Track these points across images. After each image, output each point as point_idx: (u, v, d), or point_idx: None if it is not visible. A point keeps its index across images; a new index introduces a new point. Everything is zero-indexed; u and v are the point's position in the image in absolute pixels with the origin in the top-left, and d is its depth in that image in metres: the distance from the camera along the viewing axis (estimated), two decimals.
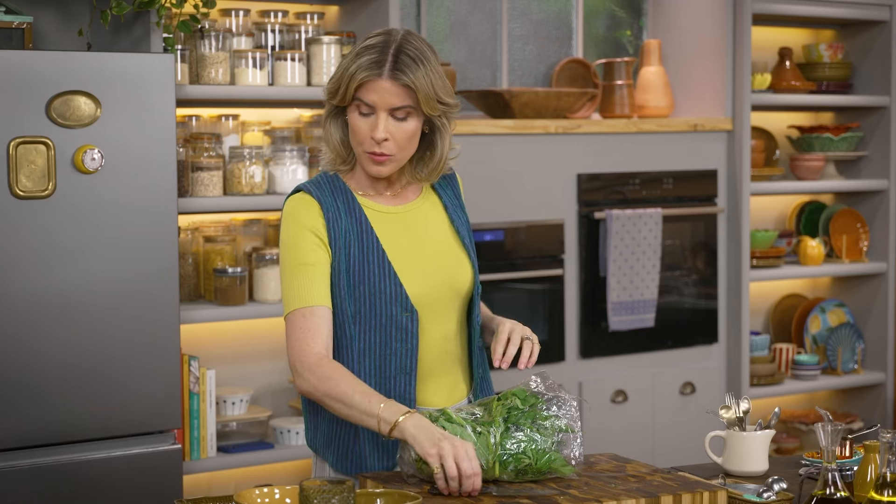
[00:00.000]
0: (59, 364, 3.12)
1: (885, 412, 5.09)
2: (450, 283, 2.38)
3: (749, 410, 2.48)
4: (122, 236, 3.19)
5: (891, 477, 2.05)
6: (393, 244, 2.35)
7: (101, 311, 3.17)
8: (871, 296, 5.15)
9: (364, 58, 2.28)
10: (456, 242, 2.42)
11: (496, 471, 2.19)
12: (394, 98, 2.27)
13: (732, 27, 4.67)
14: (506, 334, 2.35)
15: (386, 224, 2.37)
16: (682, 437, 4.61)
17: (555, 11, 4.80)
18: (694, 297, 4.70)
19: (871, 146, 5.14)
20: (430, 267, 2.37)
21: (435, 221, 2.42)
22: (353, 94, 2.28)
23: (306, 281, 2.30)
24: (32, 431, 3.09)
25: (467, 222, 2.48)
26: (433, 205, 2.44)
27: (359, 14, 4.01)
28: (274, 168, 3.79)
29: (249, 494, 2.04)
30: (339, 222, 2.33)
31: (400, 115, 2.29)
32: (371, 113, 2.29)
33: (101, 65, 3.15)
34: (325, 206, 2.33)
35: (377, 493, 2.03)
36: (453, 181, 2.50)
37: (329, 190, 2.36)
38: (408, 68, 2.27)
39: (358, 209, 2.36)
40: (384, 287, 2.32)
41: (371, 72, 2.26)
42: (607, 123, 4.51)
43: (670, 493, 2.13)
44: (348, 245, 2.32)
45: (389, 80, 2.26)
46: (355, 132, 2.31)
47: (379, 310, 2.32)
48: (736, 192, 4.71)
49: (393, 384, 2.33)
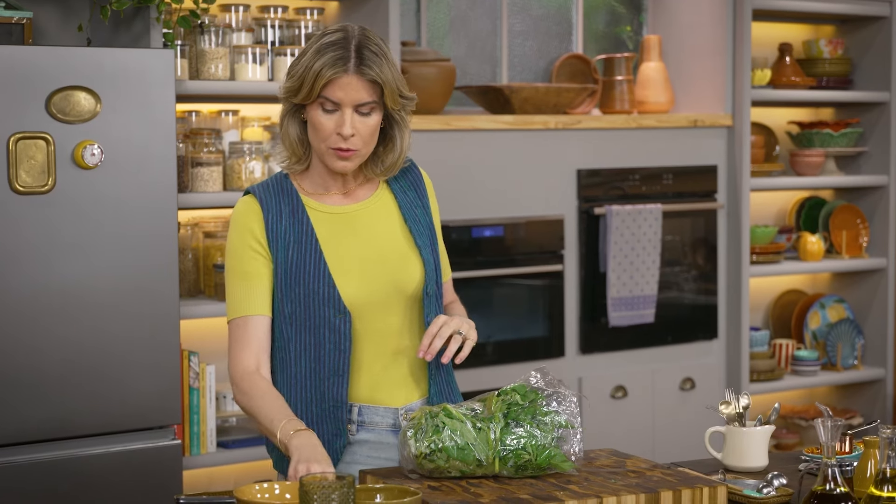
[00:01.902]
0: (58, 360, 3.13)
1: (884, 408, 5.11)
2: (394, 284, 2.36)
3: (749, 406, 2.48)
4: (122, 232, 3.20)
5: (890, 472, 2.04)
6: (333, 245, 2.35)
7: (101, 306, 3.17)
8: (870, 291, 5.16)
9: (328, 55, 2.27)
10: (406, 242, 2.40)
11: (496, 466, 2.19)
12: (361, 93, 2.28)
13: (732, 23, 4.68)
14: (436, 327, 2.31)
15: (329, 225, 2.37)
16: (681, 432, 4.62)
17: (555, 7, 4.80)
18: (694, 293, 4.71)
19: (871, 142, 5.15)
20: (370, 267, 2.36)
21: (384, 221, 2.41)
22: (319, 92, 2.28)
23: (243, 290, 2.34)
24: (32, 427, 3.10)
25: (429, 222, 2.45)
26: (385, 204, 2.43)
27: (359, 9, 4.02)
28: (273, 163, 3.79)
29: (249, 490, 2.04)
30: (280, 224, 2.35)
31: (365, 111, 2.30)
32: (335, 109, 2.29)
33: (101, 60, 3.15)
34: (267, 208, 2.35)
35: (377, 489, 2.04)
36: (418, 181, 2.48)
37: (275, 192, 2.38)
38: (373, 63, 2.28)
39: (301, 210, 2.36)
40: (317, 288, 2.32)
41: (337, 69, 2.26)
42: (607, 119, 4.51)
43: (670, 489, 2.13)
44: (287, 247, 2.34)
45: (356, 75, 2.27)
46: (319, 129, 2.30)
47: (312, 311, 2.33)
48: (736, 187, 4.72)
49: (327, 385, 2.34)
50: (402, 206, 2.43)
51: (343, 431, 2.35)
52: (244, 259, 2.35)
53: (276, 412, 2.25)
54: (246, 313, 2.33)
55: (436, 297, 2.42)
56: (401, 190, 2.45)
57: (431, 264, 2.41)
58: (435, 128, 4.03)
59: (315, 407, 2.34)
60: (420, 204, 2.45)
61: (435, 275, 2.41)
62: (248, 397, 2.30)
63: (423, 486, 2.14)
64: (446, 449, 2.18)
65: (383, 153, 2.40)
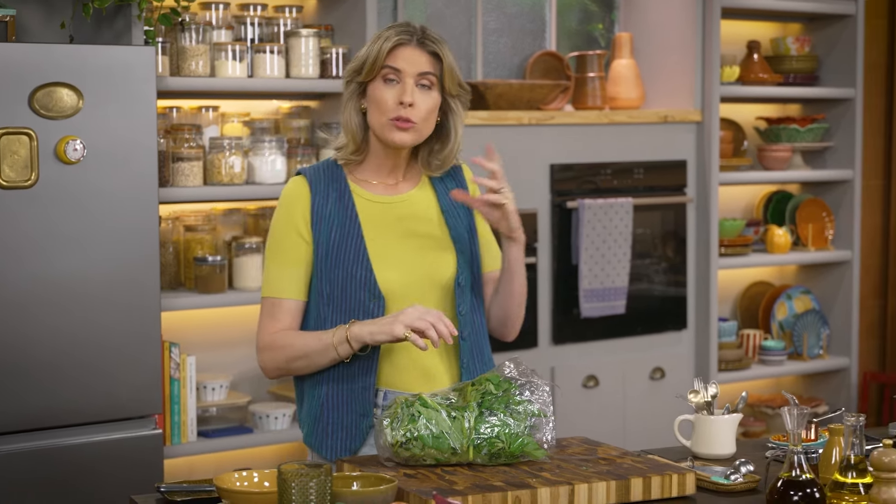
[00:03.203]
0: (41, 351, 3.14)
1: (849, 396, 5.13)
2: (428, 273, 2.43)
3: (717, 395, 2.50)
4: (104, 225, 3.21)
5: (855, 459, 2.05)
6: (374, 232, 2.42)
7: (83, 298, 3.19)
8: (836, 283, 5.18)
9: (392, 30, 2.40)
10: (443, 234, 2.48)
11: (470, 454, 2.22)
12: (422, 63, 2.39)
13: (702, 21, 4.68)
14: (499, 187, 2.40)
15: (372, 212, 2.44)
16: (651, 421, 4.61)
17: (528, 5, 4.81)
18: (664, 285, 4.72)
19: (837, 137, 5.16)
20: (407, 256, 2.42)
21: (424, 213, 2.48)
22: (383, 62, 2.38)
23: (278, 272, 2.42)
24: (16, 417, 3.11)
25: (469, 218, 2.52)
26: (426, 198, 2.51)
27: (337, 7, 4.03)
28: (253, 158, 3.83)
29: (229, 478, 2.06)
30: (326, 206, 2.42)
31: (424, 83, 2.39)
32: (397, 80, 2.38)
33: (84, 57, 3.17)
34: (315, 189, 2.43)
35: (354, 476, 2.07)
36: (459, 174, 2.56)
37: (325, 175, 2.45)
38: (435, 41, 2.41)
39: (348, 196, 2.44)
40: (355, 271, 2.39)
41: (402, 38, 2.39)
42: (580, 115, 4.52)
43: (640, 476, 2.16)
44: (330, 229, 2.41)
45: (418, 47, 2.39)
46: (380, 102, 2.39)
47: (349, 294, 2.39)
48: (705, 181, 4.73)
49: (357, 367, 2.40)
50: (442, 202, 2.50)
51: (369, 413, 2.40)
52: (285, 241, 2.42)
53: (316, 335, 2.36)
54: (278, 295, 2.42)
55: (469, 288, 2.47)
56: (442, 186, 2.52)
57: (466, 257, 2.47)
58: None
59: (345, 387, 2.41)
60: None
61: (468, 267, 2.47)
62: (280, 347, 2.39)
63: (398, 474, 2.16)
64: (422, 437, 2.20)
65: (439, 148, 2.48)
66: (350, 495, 1.97)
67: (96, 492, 3.21)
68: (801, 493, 2.02)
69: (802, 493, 2.02)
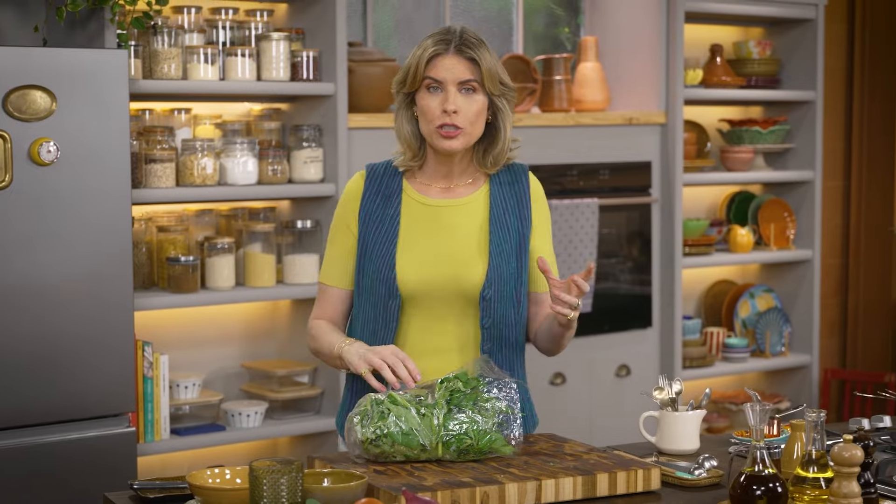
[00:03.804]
0: (16, 350, 3.15)
1: (810, 393, 5.17)
2: (452, 281, 2.45)
3: (681, 391, 2.51)
4: (78, 227, 3.22)
5: (816, 454, 2.06)
6: (410, 232, 2.47)
7: (58, 298, 3.20)
8: (797, 281, 5.22)
9: (430, 40, 2.45)
10: (479, 244, 2.48)
11: (439, 451, 2.24)
12: (461, 71, 2.42)
13: (666, 25, 4.70)
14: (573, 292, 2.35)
15: (415, 213, 2.49)
16: (617, 417, 4.63)
17: (496, 9, 4.83)
18: (629, 284, 4.73)
19: (798, 139, 5.20)
20: (433, 260, 2.45)
21: (468, 220, 2.49)
22: (423, 74, 2.42)
23: (329, 260, 2.55)
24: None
25: (522, 232, 2.50)
26: (477, 206, 2.51)
27: (307, 11, 4.05)
28: (225, 160, 3.85)
29: (201, 475, 2.08)
30: (374, 202, 2.50)
31: (467, 88, 2.43)
32: (440, 89, 2.43)
33: (57, 60, 3.18)
34: (368, 185, 2.52)
35: (325, 473, 2.07)
36: (523, 192, 2.53)
37: (385, 172, 2.53)
38: (472, 46, 2.44)
39: (398, 195, 2.50)
40: (380, 267, 2.46)
41: (438, 48, 2.43)
42: (546, 117, 4.53)
43: (606, 471, 2.18)
44: (372, 224, 2.49)
45: (455, 55, 2.43)
46: (426, 111, 2.44)
47: (375, 288, 2.47)
48: (669, 182, 4.75)
49: None
50: (493, 210, 2.50)
51: None
52: (337, 232, 2.54)
53: (333, 338, 2.46)
54: (325, 282, 2.56)
55: (496, 302, 2.46)
56: (500, 194, 2.52)
57: (503, 272, 2.46)
58: (380, 125, 4.04)
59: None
60: (517, 214, 2.52)
61: (502, 282, 2.46)
62: (313, 337, 2.52)
63: (368, 471, 2.17)
64: (391, 434, 2.22)
65: (492, 145, 2.50)
66: (321, 492, 1.97)
67: (70, 489, 3.22)
68: (763, 488, 2.03)
69: (765, 487, 2.03)
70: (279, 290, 3.96)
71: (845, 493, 1.99)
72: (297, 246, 4.04)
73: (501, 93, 2.47)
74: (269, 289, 3.94)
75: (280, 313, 4.18)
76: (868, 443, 2.12)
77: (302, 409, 4.03)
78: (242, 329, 4.13)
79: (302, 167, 3.98)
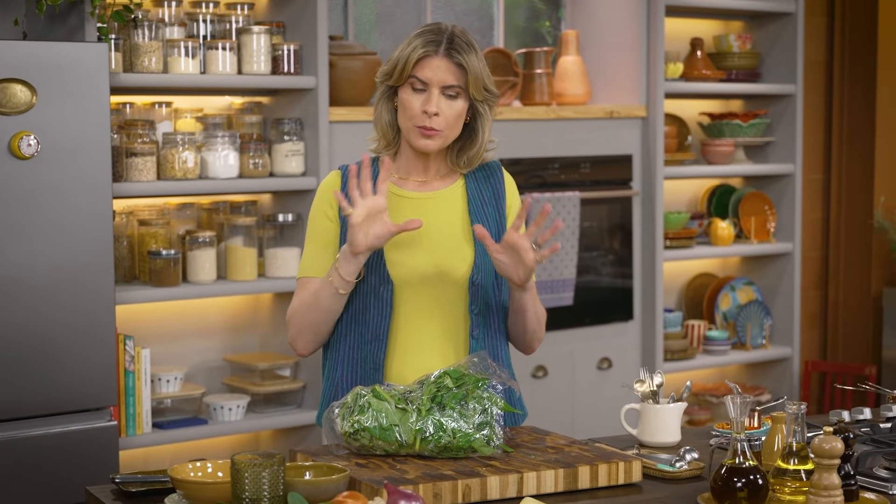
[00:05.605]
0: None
1: (791, 385, 5.20)
2: (440, 267, 2.46)
3: (662, 384, 2.52)
4: (59, 220, 3.22)
5: (797, 446, 2.07)
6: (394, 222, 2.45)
7: (39, 292, 3.20)
8: (778, 274, 5.25)
9: (421, 39, 2.43)
10: (463, 233, 2.50)
11: (417, 446, 2.23)
12: (447, 75, 2.42)
13: (647, 18, 4.72)
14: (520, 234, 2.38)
15: (396, 206, 2.49)
16: (599, 410, 4.65)
17: (477, 2, 4.83)
18: (610, 277, 4.75)
19: (778, 132, 5.23)
20: (421, 247, 2.46)
21: (449, 212, 2.51)
22: (410, 72, 2.42)
23: (308, 254, 2.51)
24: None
25: (500, 223, 2.54)
26: (454, 198, 2.53)
27: (288, 4, 4.05)
28: (206, 154, 3.85)
29: (183, 468, 2.07)
30: None
31: (451, 94, 2.43)
32: (424, 90, 2.43)
33: (37, 53, 3.17)
34: (346, 179, 2.48)
35: (306, 466, 2.06)
36: (499, 184, 2.56)
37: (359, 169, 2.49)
38: (462, 50, 2.43)
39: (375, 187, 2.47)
40: (370, 257, 2.44)
41: (428, 49, 2.42)
42: (527, 110, 4.54)
43: (587, 464, 2.18)
44: None
45: (444, 58, 2.42)
46: (407, 108, 2.44)
47: (364, 278, 2.46)
48: (650, 176, 4.77)
49: (368, 349, 2.46)
50: (471, 202, 2.52)
51: None
52: (315, 225, 2.51)
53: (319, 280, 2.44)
54: (307, 275, 2.49)
55: (483, 288, 2.49)
56: (476, 188, 2.54)
57: (485, 257, 2.48)
58: (361, 119, 4.05)
59: (359, 368, 2.47)
60: (494, 205, 2.55)
61: (485, 267, 2.48)
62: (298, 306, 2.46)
63: (350, 464, 2.17)
64: (369, 429, 2.22)
65: (468, 146, 2.51)
66: (302, 485, 1.97)
67: (52, 483, 3.22)
68: (744, 480, 2.04)
69: (746, 479, 2.04)
70: (260, 284, 3.96)
71: (826, 485, 2.00)
72: (278, 239, 4.05)
73: (485, 98, 2.49)
74: (251, 282, 3.94)
75: (262, 307, 4.18)
76: (848, 435, 2.12)
77: (284, 402, 4.03)
78: (224, 323, 4.13)
79: (283, 160, 3.98)
